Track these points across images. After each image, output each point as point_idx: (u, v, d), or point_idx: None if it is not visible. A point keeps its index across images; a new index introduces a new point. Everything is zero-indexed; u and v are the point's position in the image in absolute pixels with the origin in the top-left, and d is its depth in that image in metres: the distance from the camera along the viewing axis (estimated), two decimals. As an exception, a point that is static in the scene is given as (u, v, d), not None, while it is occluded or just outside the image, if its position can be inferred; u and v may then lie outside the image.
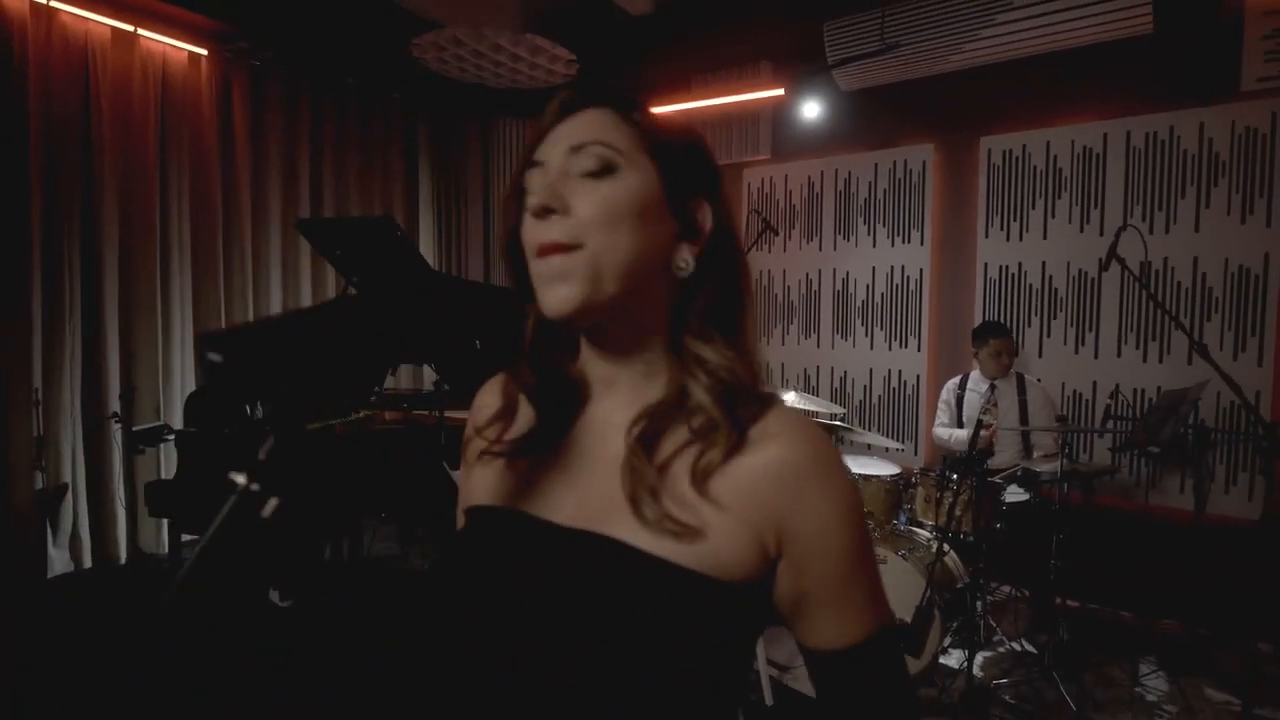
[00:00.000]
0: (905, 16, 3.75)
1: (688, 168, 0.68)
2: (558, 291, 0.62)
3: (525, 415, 0.74)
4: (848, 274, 4.50)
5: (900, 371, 4.32)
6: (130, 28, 4.01)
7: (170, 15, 4.13)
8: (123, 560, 4.10)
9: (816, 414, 3.73)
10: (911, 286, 4.26)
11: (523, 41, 4.12)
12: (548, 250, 0.62)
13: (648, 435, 0.64)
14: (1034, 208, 3.82)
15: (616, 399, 0.69)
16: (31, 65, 3.64)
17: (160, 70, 4.18)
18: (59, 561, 3.90)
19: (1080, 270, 3.69)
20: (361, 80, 5.14)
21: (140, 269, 4.13)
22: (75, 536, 3.95)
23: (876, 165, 4.33)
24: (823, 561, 0.62)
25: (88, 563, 3.99)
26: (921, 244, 4.20)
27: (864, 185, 4.39)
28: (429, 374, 4.88)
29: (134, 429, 3.80)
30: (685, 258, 0.67)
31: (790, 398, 3.60)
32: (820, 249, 4.60)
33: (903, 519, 3.24)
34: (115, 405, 4.00)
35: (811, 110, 4.26)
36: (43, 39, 3.70)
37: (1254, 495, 3.27)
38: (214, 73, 4.41)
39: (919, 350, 4.25)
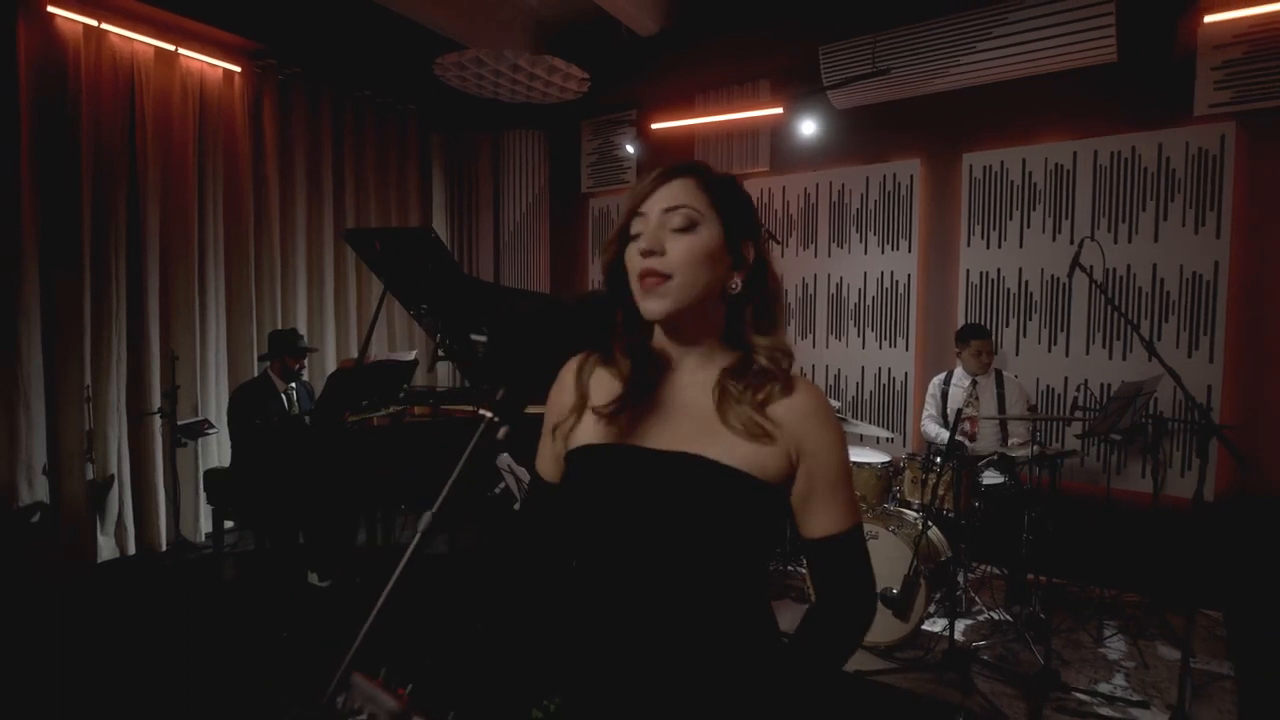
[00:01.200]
0: (895, 42, 4.09)
1: (740, 218, 1.00)
2: (654, 305, 0.95)
3: (606, 384, 1.05)
4: (841, 279, 4.83)
5: (890, 369, 4.66)
6: (172, 47, 4.29)
7: (208, 35, 4.41)
8: (164, 548, 4.36)
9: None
10: (900, 291, 4.60)
11: (540, 61, 4.43)
12: (648, 276, 0.95)
13: (727, 379, 0.97)
14: (1011, 219, 4.16)
15: (685, 371, 1.02)
16: (84, 83, 3.91)
17: (199, 86, 4.46)
18: (106, 548, 4.17)
19: (1053, 276, 4.04)
20: (380, 94, 5.43)
21: (179, 273, 4.40)
22: (120, 524, 4.21)
23: (868, 178, 4.67)
24: (823, 470, 0.96)
25: (132, 549, 4.25)
26: (909, 251, 4.55)
27: (856, 196, 4.73)
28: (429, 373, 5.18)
29: (179, 423, 4.08)
30: (736, 282, 1.00)
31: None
32: (815, 256, 4.93)
33: (893, 501, 3.57)
34: (156, 401, 4.27)
35: (808, 127, 4.59)
36: (93, 59, 3.98)
37: (1206, 479, 3.62)
38: (246, 88, 4.69)
39: (907, 349, 4.58)
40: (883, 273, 4.66)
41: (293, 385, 4.07)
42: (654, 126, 5.33)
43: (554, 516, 1.13)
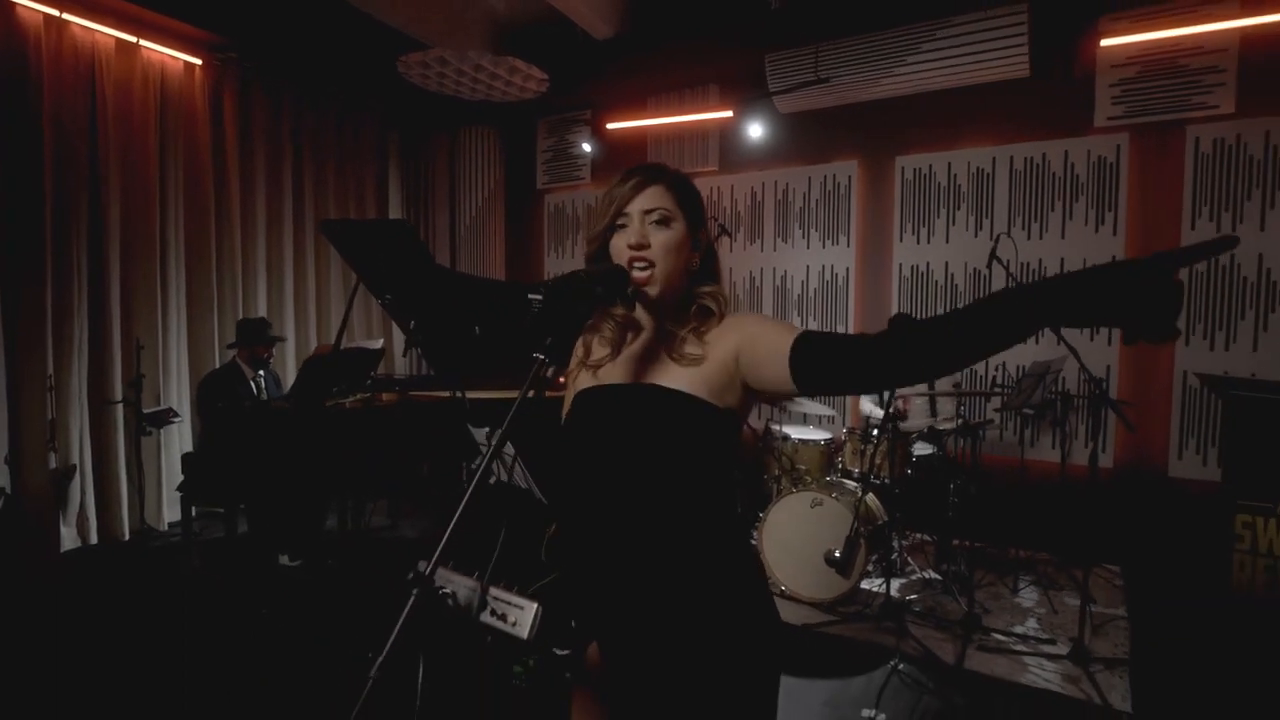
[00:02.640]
0: (836, 53, 4.44)
1: (698, 212, 1.27)
2: (650, 290, 1.21)
3: (598, 347, 1.31)
4: (786, 272, 5.17)
5: (831, 356, 5.02)
6: (133, 38, 4.30)
7: (168, 27, 4.43)
8: (126, 536, 4.38)
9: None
10: (839, 283, 4.96)
11: (502, 62, 4.61)
12: (636, 263, 1.20)
13: (672, 324, 1.24)
14: (938, 217, 4.57)
15: (655, 330, 1.27)
16: (45, 73, 3.92)
17: (159, 78, 4.48)
18: (68, 538, 4.17)
19: (975, 269, 4.46)
20: (340, 90, 5.51)
21: (141, 264, 4.42)
22: (82, 514, 4.22)
23: (810, 178, 5.02)
24: (754, 338, 1.16)
25: (94, 539, 4.26)
26: (848, 246, 4.91)
27: (799, 195, 5.08)
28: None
29: (144, 412, 4.12)
30: (696, 260, 1.26)
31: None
32: (762, 250, 5.26)
33: (835, 473, 3.91)
34: (118, 391, 4.28)
35: (754, 129, 4.92)
36: (54, 48, 3.98)
37: (1106, 448, 4.10)
38: (207, 81, 4.72)
39: (847, 337, 4.95)
40: (824, 266, 5.02)
41: (261, 373, 4.16)
42: (609, 126, 5.57)
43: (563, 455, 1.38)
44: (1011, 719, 2.60)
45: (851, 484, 3.72)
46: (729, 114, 5.01)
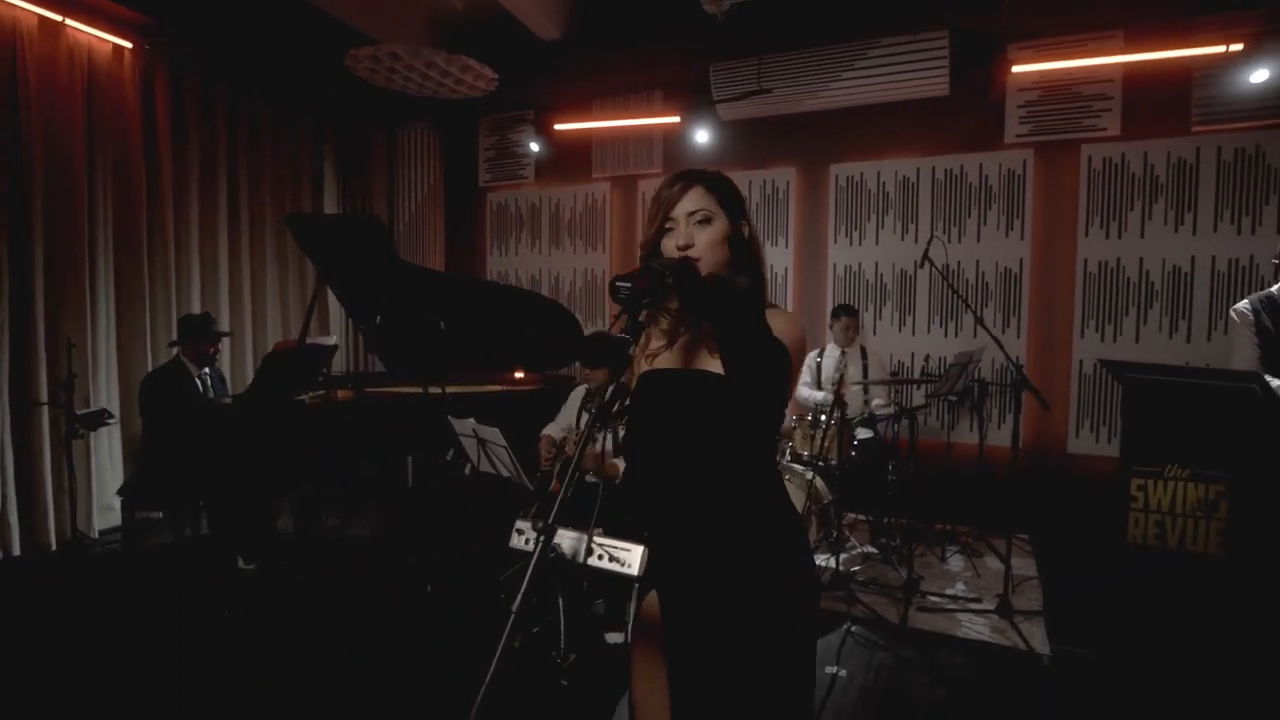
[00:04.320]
0: (777, 66, 4.74)
1: (736, 208, 1.45)
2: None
3: (656, 337, 1.48)
4: (728, 270, 5.45)
5: (770, 350, 5.34)
6: (58, 17, 4.07)
7: (96, 6, 4.22)
8: (54, 547, 4.13)
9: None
10: (778, 282, 5.29)
11: (455, 60, 4.64)
12: (687, 255, 1.38)
13: None
14: (868, 221, 4.96)
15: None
16: (-38, 52, 3.66)
17: (86, 60, 4.25)
18: (-12, 548, 3.91)
19: (901, 270, 4.88)
20: (276, 81, 5.36)
21: (66, 258, 4.18)
22: (4, 522, 3.96)
23: (750, 182, 5.32)
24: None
25: (16, 549, 4.01)
26: (786, 247, 5.24)
27: (740, 198, 5.36)
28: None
29: (77, 414, 3.93)
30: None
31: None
32: (705, 249, 5.51)
33: (784, 458, 4.21)
34: (44, 391, 4.05)
35: (698, 135, 5.16)
36: (-29, 25, 3.72)
37: (1018, 430, 4.59)
38: (138, 66, 4.51)
39: (784, 332, 5.28)
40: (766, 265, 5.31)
41: (206, 371, 4.04)
42: (557, 127, 5.68)
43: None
44: (953, 666, 2.95)
45: (799, 467, 4.02)
46: (676, 119, 5.23)
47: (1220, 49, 3.82)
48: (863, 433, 4.22)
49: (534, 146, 5.80)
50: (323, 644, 3.03)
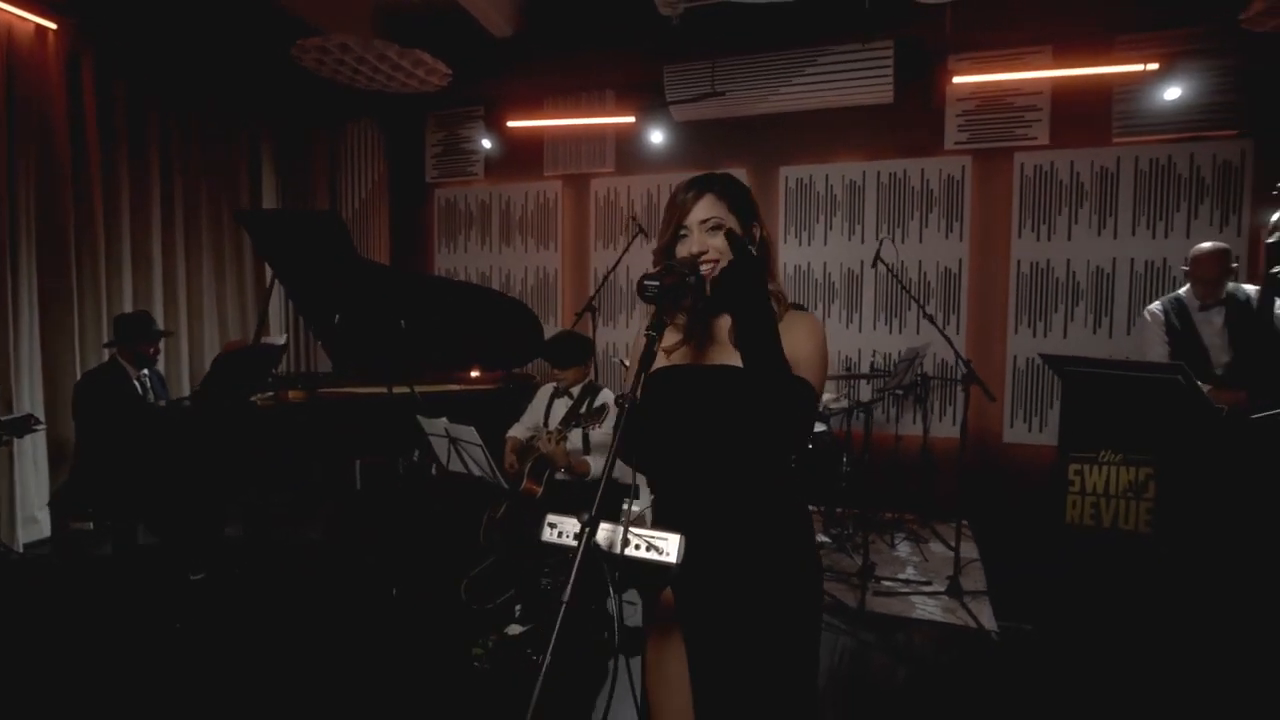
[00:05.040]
0: (730, 69, 4.85)
1: (748, 211, 1.52)
2: (706, 279, 1.44)
3: (670, 333, 1.53)
4: (681, 269, 5.53)
5: (723, 347, 5.46)
6: (-27, -5, 3.79)
7: (16, -16, 3.94)
8: (-27, 560, 3.86)
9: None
10: (730, 280, 5.40)
11: (408, 54, 4.56)
12: (701, 265, 1.43)
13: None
14: (818, 222, 5.14)
15: (723, 317, 1.51)
16: None
17: (5, 41, 3.97)
18: (-100, 566, 3.61)
19: (849, 269, 5.07)
20: (213, 69, 5.12)
21: (-15, 252, 3.90)
22: (-83, 538, 3.67)
23: (702, 183, 5.41)
24: (798, 361, 1.42)
25: (-69, 565, 3.72)
26: (738, 246, 5.36)
27: (693, 198, 5.45)
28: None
29: (1, 420, 3.69)
30: (751, 253, 1.51)
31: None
32: (643, 248, 5.57)
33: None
34: (-41, 397, 3.78)
35: (651, 135, 5.23)
36: (-124, -1, 3.42)
37: (956, 421, 4.85)
38: (62, 48, 4.24)
39: (737, 330, 5.41)
40: (716, 265, 5.42)
41: (145, 372, 3.84)
42: (510, 124, 5.64)
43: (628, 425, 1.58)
44: (911, 646, 3.11)
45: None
46: (631, 119, 5.28)
47: (1138, 67, 4.14)
48: (817, 427, 4.37)
49: (486, 144, 5.75)
50: (286, 653, 2.95)
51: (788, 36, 4.72)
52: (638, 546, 1.19)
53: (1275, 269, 2.93)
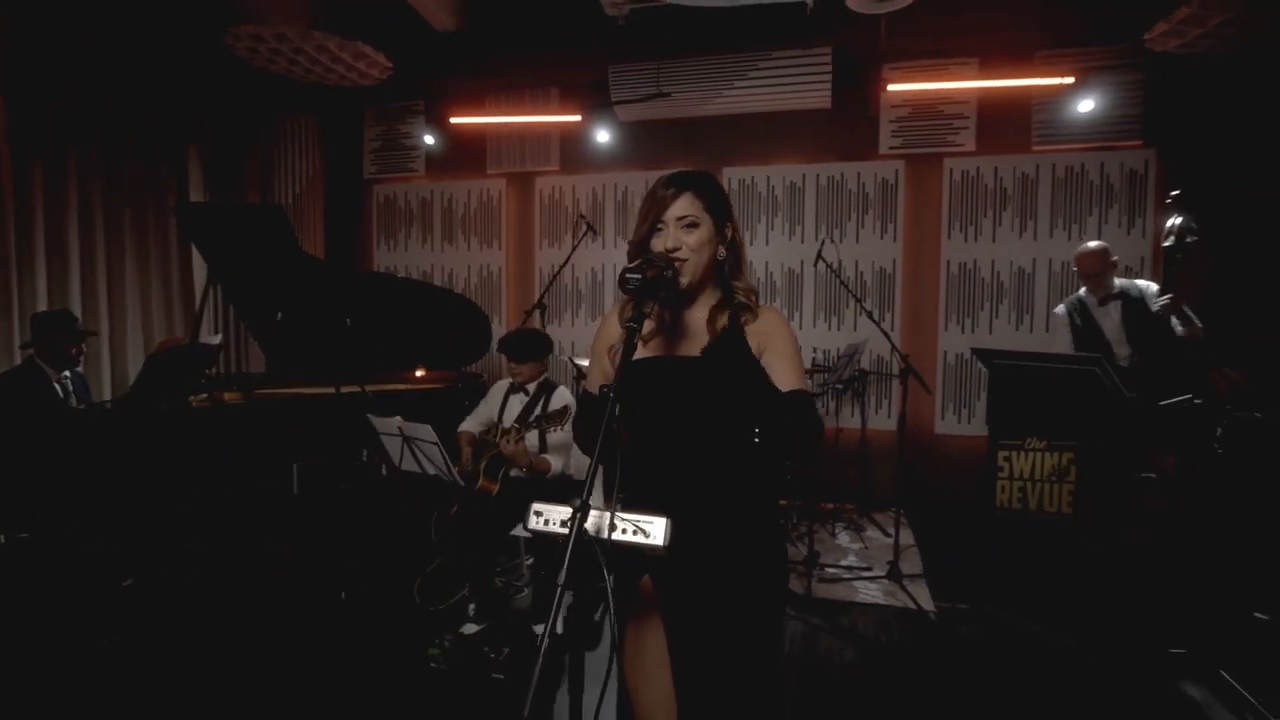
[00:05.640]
0: (676, 71, 4.93)
1: (721, 210, 1.58)
2: (683, 279, 1.50)
3: (645, 322, 1.58)
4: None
5: (669, 345, 5.54)
6: None
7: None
8: None
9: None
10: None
11: (349, 46, 4.45)
12: (674, 261, 1.49)
13: (717, 314, 1.54)
14: (759, 222, 5.28)
15: (694, 309, 1.58)
16: None
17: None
18: None
19: (790, 269, 5.23)
20: (134, 56, 4.86)
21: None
22: None
23: (647, 182, 5.47)
24: (777, 354, 1.54)
25: None
26: (682, 246, 5.45)
27: (637, 198, 5.52)
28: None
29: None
30: (722, 252, 1.58)
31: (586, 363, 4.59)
32: (604, 248, 5.62)
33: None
34: None
35: (596, 134, 5.26)
36: None
37: (891, 414, 5.07)
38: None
39: (682, 328, 5.49)
40: (661, 264, 5.50)
41: (66, 374, 3.63)
42: (454, 121, 5.56)
43: (600, 417, 1.62)
44: (856, 628, 3.25)
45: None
46: (577, 118, 5.29)
47: (1055, 81, 4.43)
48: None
49: (428, 139, 5.66)
50: (232, 663, 2.85)
51: (732, 40, 4.83)
52: (625, 531, 1.23)
53: (1163, 301, 3.17)
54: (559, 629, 2.63)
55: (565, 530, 1.27)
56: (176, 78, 5.18)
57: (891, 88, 4.74)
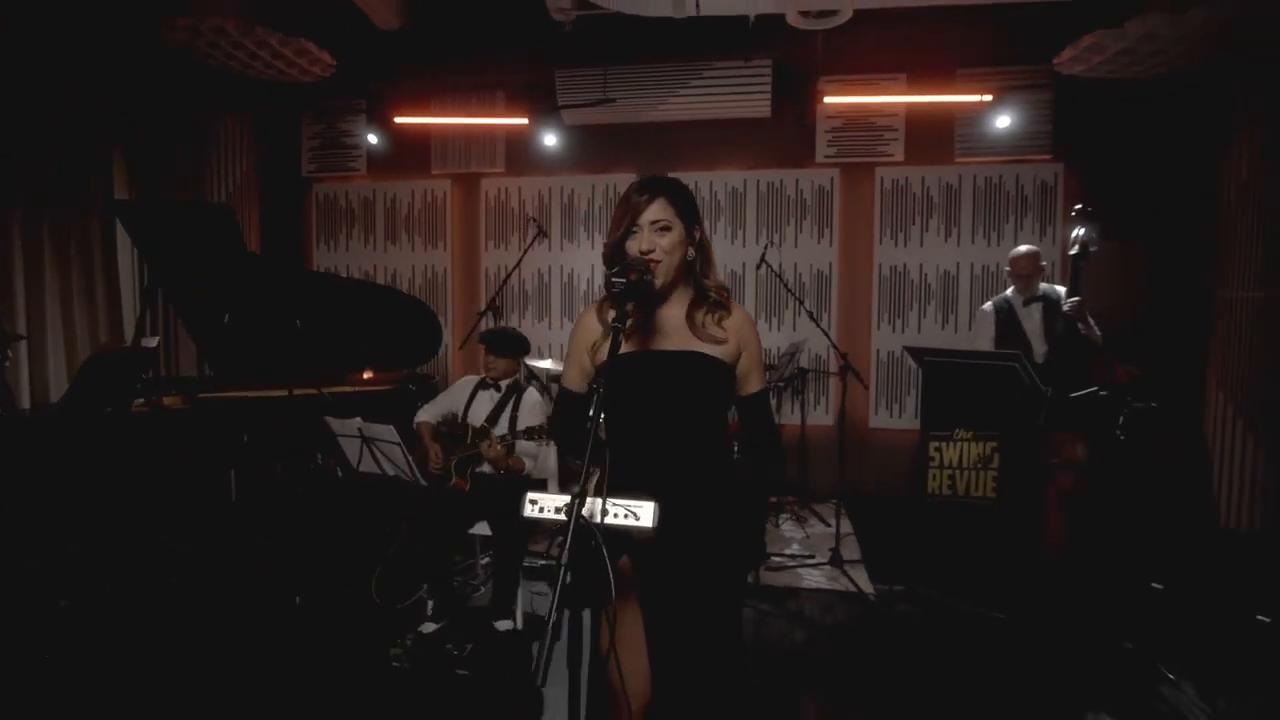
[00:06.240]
0: (622, 77, 5.05)
1: (691, 215, 1.71)
2: (657, 280, 1.61)
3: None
4: (573, 270, 5.68)
5: (616, 345, 5.64)
6: None
7: None
8: None
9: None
10: (622, 280, 5.60)
11: (292, 43, 4.37)
12: (648, 258, 1.61)
13: (694, 310, 1.67)
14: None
15: (667, 306, 1.70)
16: None
17: None
18: None
19: (732, 270, 5.42)
20: (54, 48, 4.62)
21: None
22: None
23: (593, 186, 5.59)
24: (750, 356, 1.70)
25: None
26: (628, 248, 5.57)
27: (584, 201, 5.61)
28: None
29: None
30: (691, 253, 1.71)
31: (548, 364, 4.66)
32: (550, 250, 5.68)
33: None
34: None
35: (543, 137, 5.33)
36: None
37: (829, 410, 5.33)
38: None
39: (628, 328, 5.61)
40: (608, 265, 5.61)
41: (-11, 380, 3.46)
42: (398, 120, 5.51)
43: (580, 412, 1.72)
44: (804, 612, 3.44)
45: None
46: (523, 121, 5.34)
47: (976, 98, 4.77)
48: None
49: (371, 139, 5.59)
50: (195, 675, 2.80)
51: (676, 50, 4.98)
52: (616, 515, 1.33)
53: (1071, 302, 3.49)
54: (519, 624, 2.70)
55: (560, 516, 1.37)
56: (102, 71, 4.94)
57: (827, 99, 4.99)
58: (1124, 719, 2.55)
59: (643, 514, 1.33)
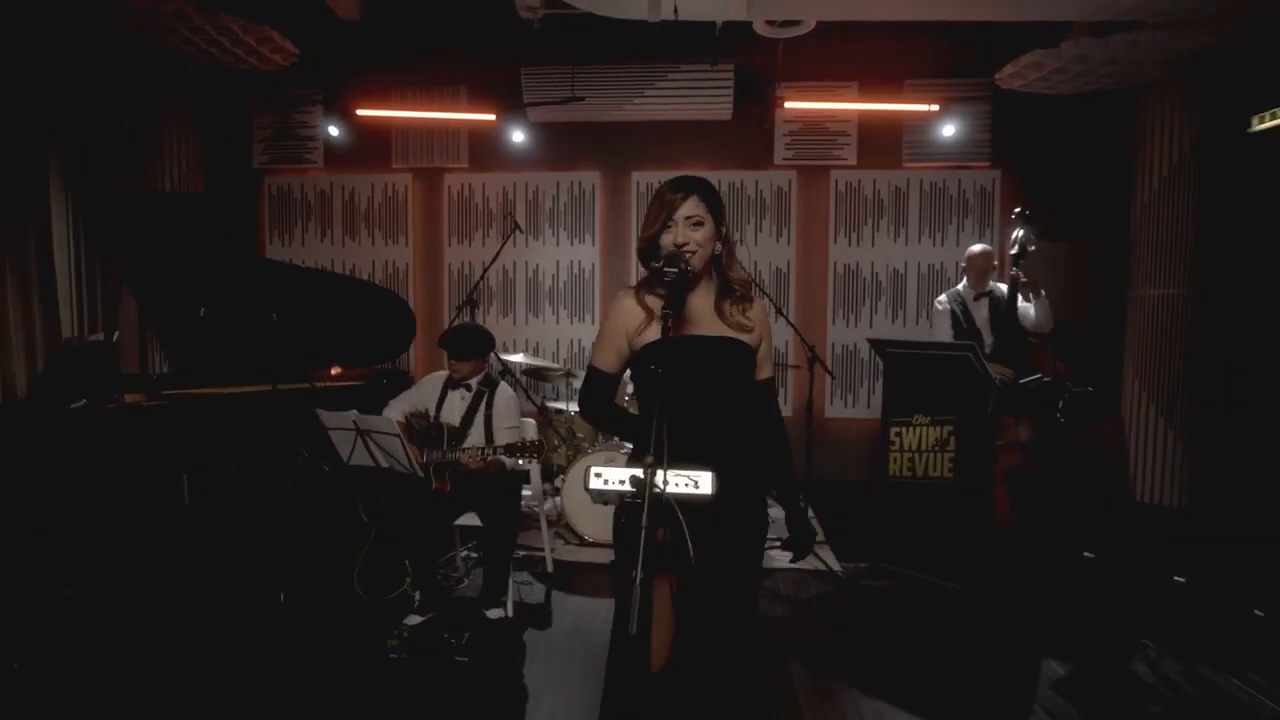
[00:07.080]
0: (589, 76, 5.14)
1: (719, 212, 1.85)
2: (691, 268, 1.75)
3: (656, 306, 1.82)
4: (538, 266, 5.74)
5: (580, 340, 5.75)
6: None
7: None
8: None
9: (549, 370, 4.91)
10: (586, 277, 5.71)
11: (254, 29, 4.27)
12: (685, 253, 1.75)
13: (722, 301, 1.81)
14: (666, 224, 5.60)
15: (696, 296, 1.83)
16: None
17: None
18: None
19: (695, 267, 5.60)
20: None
21: None
22: None
23: (558, 183, 5.66)
24: (767, 344, 1.86)
25: None
26: (593, 245, 5.68)
27: (548, 198, 5.68)
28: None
29: None
30: (719, 246, 1.85)
31: (519, 358, 4.73)
32: (514, 245, 5.72)
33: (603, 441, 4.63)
34: None
35: (507, 133, 5.37)
36: None
37: (788, 400, 5.58)
38: None
39: (592, 324, 5.72)
40: (571, 262, 5.71)
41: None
42: (359, 113, 5.43)
43: (610, 392, 1.84)
44: (780, 589, 3.65)
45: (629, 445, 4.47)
46: (489, 116, 5.36)
47: (922, 107, 5.10)
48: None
49: (332, 130, 5.49)
50: (193, 676, 2.75)
51: (642, 51, 5.11)
52: (678, 484, 1.46)
53: (1013, 271, 3.84)
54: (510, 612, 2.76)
55: (626, 488, 1.48)
56: (44, 44, 4.68)
57: (786, 105, 5.22)
58: (1066, 671, 2.86)
59: (702, 482, 1.46)
